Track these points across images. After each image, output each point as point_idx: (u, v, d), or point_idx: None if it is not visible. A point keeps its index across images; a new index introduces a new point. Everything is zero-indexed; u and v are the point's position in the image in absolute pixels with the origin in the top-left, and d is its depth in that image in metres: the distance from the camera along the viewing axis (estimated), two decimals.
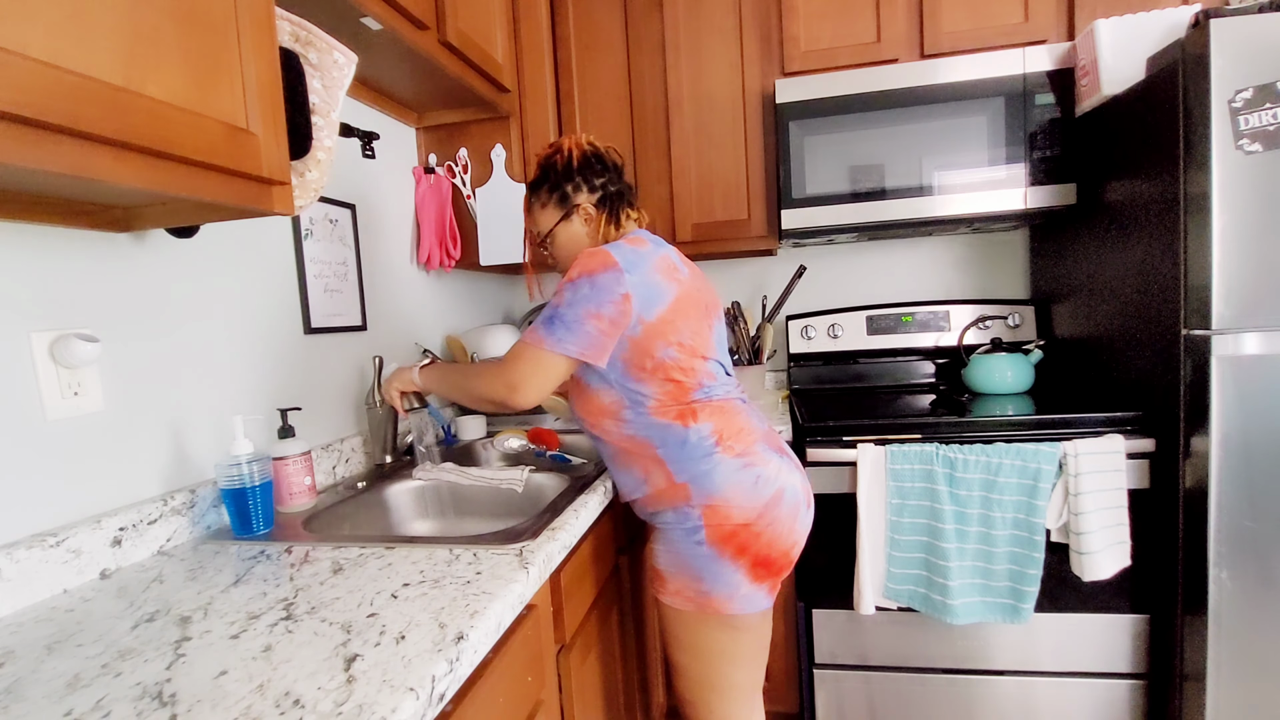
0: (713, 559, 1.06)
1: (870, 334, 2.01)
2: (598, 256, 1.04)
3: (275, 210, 0.84)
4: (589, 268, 1.03)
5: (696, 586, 1.08)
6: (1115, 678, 1.47)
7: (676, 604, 1.11)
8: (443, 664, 0.61)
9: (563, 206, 1.16)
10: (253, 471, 1.02)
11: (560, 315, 1.02)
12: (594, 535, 1.17)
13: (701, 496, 1.06)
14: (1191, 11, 1.32)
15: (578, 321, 1.02)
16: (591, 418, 1.13)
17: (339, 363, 1.44)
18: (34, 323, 0.85)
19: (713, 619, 1.09)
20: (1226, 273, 1.23)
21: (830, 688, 1.59)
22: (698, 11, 1.82)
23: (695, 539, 1.06)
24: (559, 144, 1.18)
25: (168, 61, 0.68)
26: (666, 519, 1.10)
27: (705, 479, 1.06)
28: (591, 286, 1.02)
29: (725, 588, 1.06)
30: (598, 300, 1.01)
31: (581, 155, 1.16)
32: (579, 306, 1.02)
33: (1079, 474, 1.34)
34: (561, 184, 1.16)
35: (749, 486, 1.07)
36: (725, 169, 1.85)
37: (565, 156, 1.15)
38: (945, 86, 1.63)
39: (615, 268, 1.02)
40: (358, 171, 1.53)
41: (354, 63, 0.99)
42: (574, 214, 1.16)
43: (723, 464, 1.07)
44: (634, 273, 1.03)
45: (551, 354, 1.03)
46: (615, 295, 1.02)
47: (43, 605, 0.80)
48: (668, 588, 1.11)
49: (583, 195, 1.16)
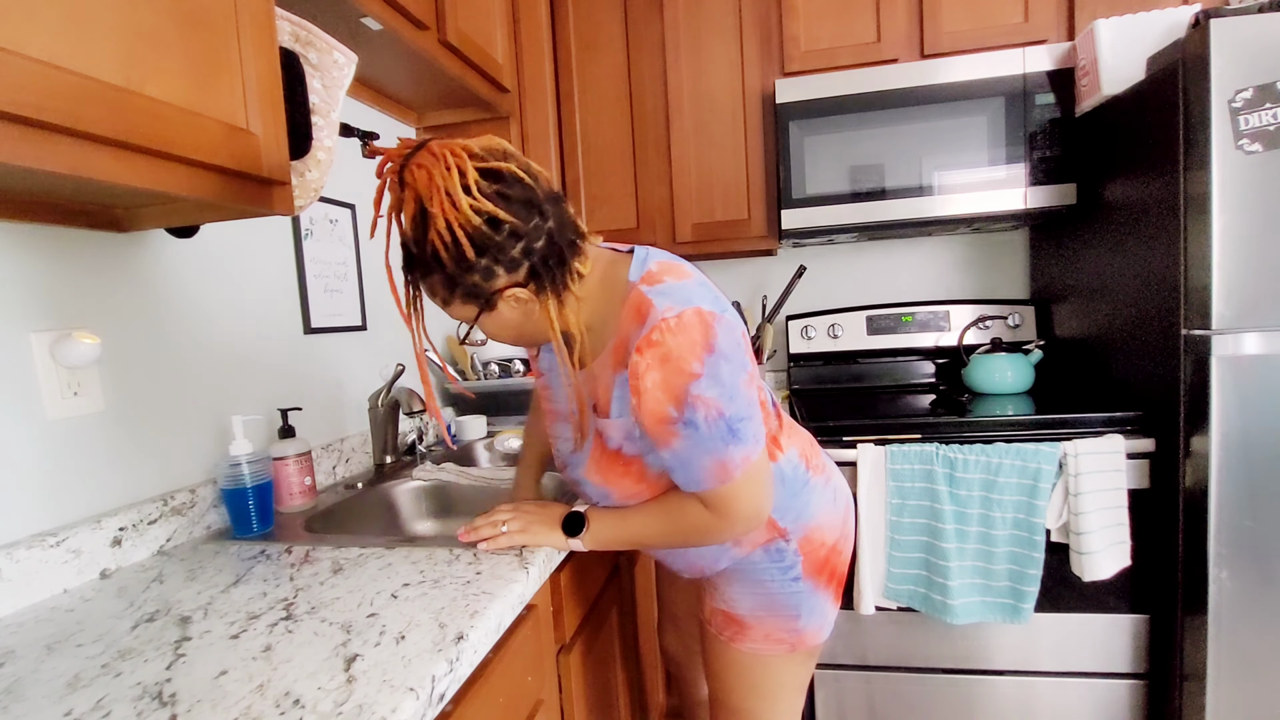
0: (810, 593, 0.95)
1: (870, 334, 2.01)
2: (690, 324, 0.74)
3: (275, 210, 0.84)
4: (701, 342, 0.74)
5: (791, 625, 0.95)
6: (1115, 678, 1.47)
7: (766, 649, 0.97)
8: (443, 664, 0.61)
9: (477, 301, 0.77)
10: (253, 471, 1.02)
11: (736, 412, 0.76)
12: None
13: (799, 530, 0.93)
14: (1191, 11, 1.32)
15: (748, 399, 0.78)
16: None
17: (339, 363, 1.44)
18: (34, 323, 0.85)
19: (799, 655, 0.98)
20: (1226, 273, 1.23)
21: (830, 688, 1.59)
22: (698, 11, 1.82)
23: (791, 575, 0.94)
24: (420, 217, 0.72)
25: (168, 61, 0.68)
26: (753, 560, 0.94)
27: (805, 511, 0.94)
28: (724, 359, 0.75)
29: (819, 618, 0.97)
30: (738, 363, 0.77)
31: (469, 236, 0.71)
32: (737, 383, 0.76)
33: (1079, 474, 1.34)
34: (460, 280, 0.74)
35: (831, 504, 0.97)
36: (725, 169, 1.85)
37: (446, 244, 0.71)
38: (945, 86, 1.63)
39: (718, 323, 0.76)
40: (358, 171, 1.53)
41: (354, 63, 0.99)
42: (497, 304, 0.77)
43: (815, 488, 0.95)
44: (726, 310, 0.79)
45: (758, 457, 0.81)
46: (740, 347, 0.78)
47: (43, 605, 0.80)
48: (753, 634, 0.96)
49: (500, 280, 0.75)
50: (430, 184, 0.70)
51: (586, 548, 0.91)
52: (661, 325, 0.74)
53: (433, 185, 0.70)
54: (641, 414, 0.77)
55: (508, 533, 0.90)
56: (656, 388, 0.74)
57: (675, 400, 0.74)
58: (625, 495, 0.90)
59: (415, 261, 0.76)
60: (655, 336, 0.74)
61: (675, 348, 0.73)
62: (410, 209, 0.73)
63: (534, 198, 0.74)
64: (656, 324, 0.74)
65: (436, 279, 0.76)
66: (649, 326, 0.74)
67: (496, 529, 0.90)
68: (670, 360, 0.73)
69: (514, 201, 0.73)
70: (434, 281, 0.77)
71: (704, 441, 0.76)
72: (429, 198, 0.70)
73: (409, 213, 0.73)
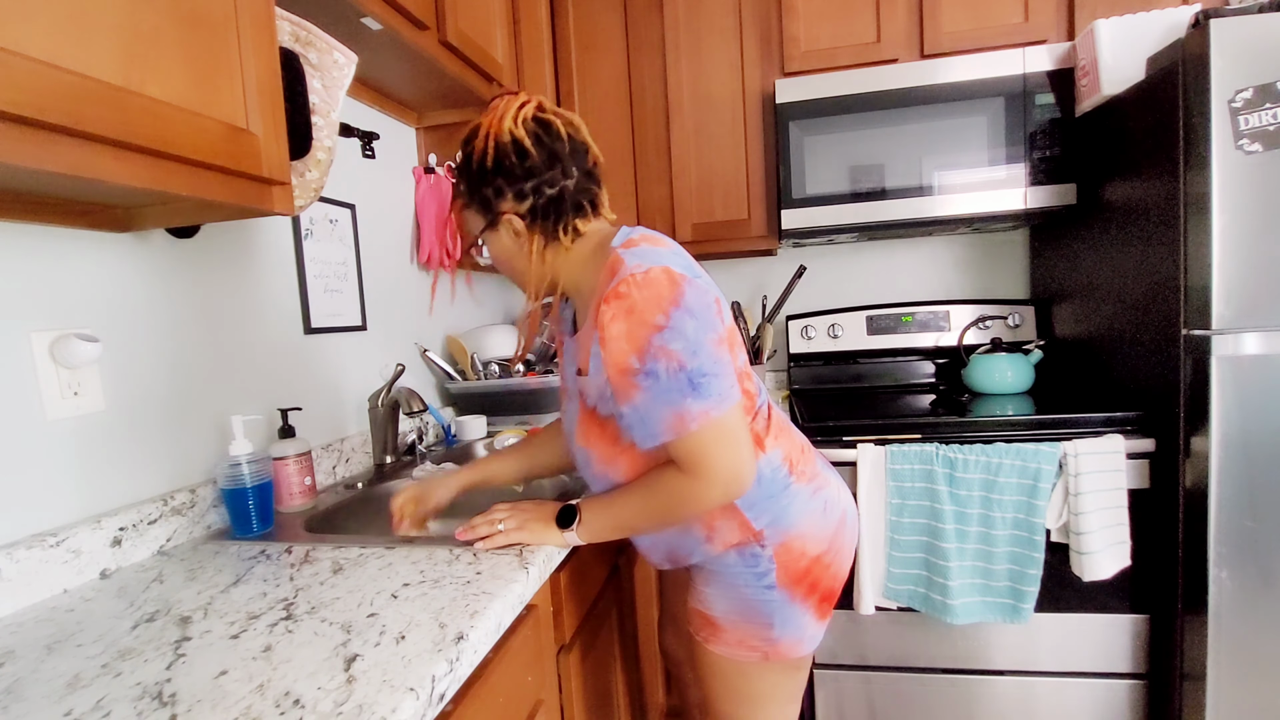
0: (784, 603, 0.92)
1: (870, 334, 2.02)
2: (657, 279, 0.77)
3: (275, 210, 0.84)
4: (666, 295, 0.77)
5: (764, 634, 0.94)
6: (1115, 678, 1.47)
7: (738, 655, 0.96)
8: (443, 664, 0.61)
9: (485, 213, 0.88)
10: (253, 471, 1.02)
11: (699, 366, 0.77)
12: None
13: (776, 536, 0.91)
14: (1191, 11, 1.32)
15: (715, 357, 0.79)
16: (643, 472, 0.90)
17: (339, 363, 1.44)
18: (34, 323, 0.85)
19: (777, 665, 0.96)
20: (1226, 273, 1.23)
21: (830, 688, 1.59)
22: (698, 11, 1.82)
23: (765, 583, 0.92)
24: (475, 127, 0.86)
25: (168, 61, 0.68)
26: (727, 561, 0.94)
27: (783, 517, 0.92)
28: (689, 313, 0.77)
29: (795, 631, 0.94)
30: (705, 321, 0.79)
31: (497, 150, 0.83)
32: (702, 340, 0.78)
33: (1079, 474, 1.34)
34: (480, 186, 0.86)
35: (819, 515, 0.95)
36: (725, 169, 1.85)
37: (481, 148, 0.84)
38: (945, 86, 1.63)
39: (684, 280, 0.79)
40: (358, 171, 1.53)
41: (354, 63, 1.00)
42: (499, 224, 0.87)
43: (798, 496, 0.93)
44: (699, 276, 0.82)
45: (725, 414, 0.79)
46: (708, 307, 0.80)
47: (43, 605, 0.80)
48: (725, 638, 0.96)
49: (506, 203, 0.85)
50: (495, 109, 0.85)
51: (582, 540, 0.91)
52: (629, 279, 0.77)
53: (495, 110, 0.85)
54: (607, 365, 0.79)
55: (504, 531, 0.91)
56: (621, 338, 0.77)
57: (638, 350, 0.77)
58: (603, 458, 0.91)
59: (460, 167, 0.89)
60: (622, 289, 0.77)
61: (640, 300, 0.76)
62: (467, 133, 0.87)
63: (562, 154, 0.85)
64: (624, 278, 0.77)
65: (462, 183, 0.89)
66: (621, 274, 0.78)
67: (494, 528, 0.91)
68: (635, 312, 0.76)
69: (544, 147, 0.84)
70: (460, 186, 0.89)
71: (663, 393, 0.77)
72: (486, 117, 0.85)
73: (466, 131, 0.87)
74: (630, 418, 0.82)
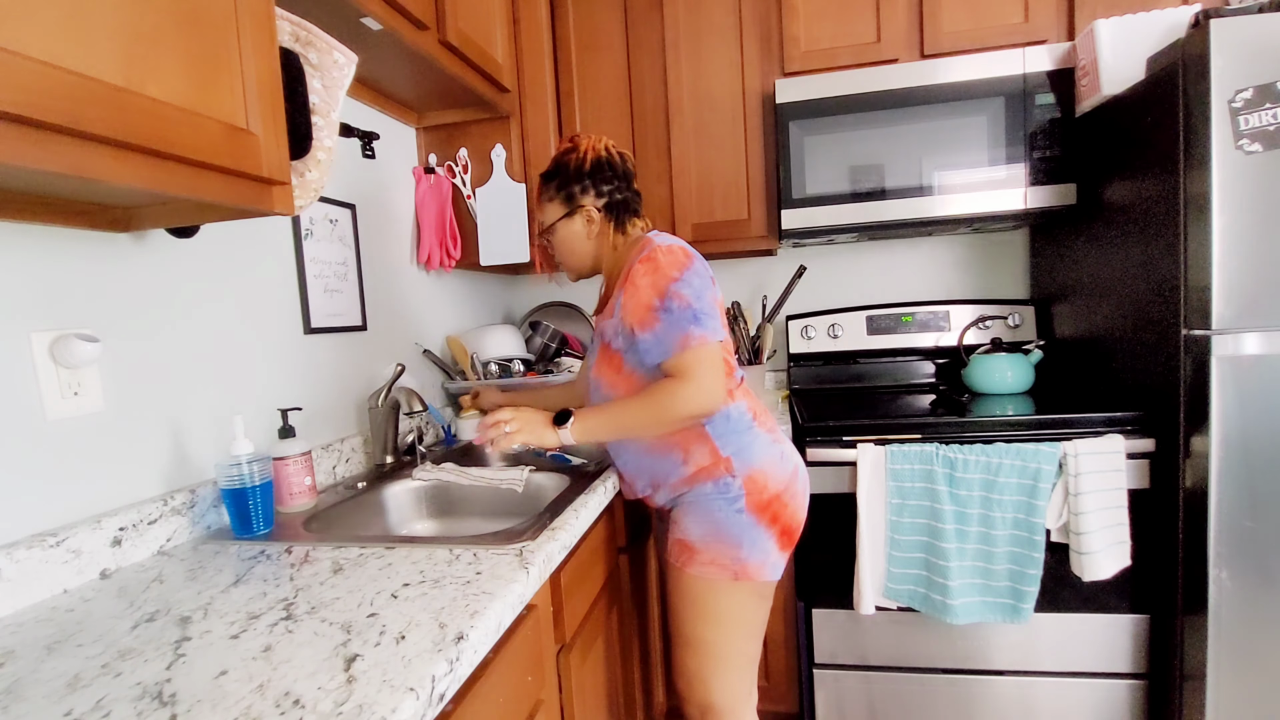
0: (752, 525, 1.13)
1: (870, 334, 2.02)
2: (676, 251, 1.10)
3: (275, 210, 0.84)
4: (682, 261, 1.09)
5: (734, 553, 1.13)
6: (1115, 678, 1.47)
7: (710, 573, 1.14)
8: (443, 664, 0.61)
9: (567, 205, 1.20)
10: (253, 471, 1.02)
11: (701, 309, 1.06)
12: (594, 535, 1.17)
13: (743, 467, 1.14)
14: (1191, 11, 1.32)
15: (712, 307, 1.09)
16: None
17: (339, 363, 1.44)
18: (34, 323, 0.85)
19: (745, 586, 1.15)
20: (1226, 273, 1.23)
21: (830, 688, 1.59)
22: (698, 11, 1.82)
23: (736, 507, 1.13)
24: (576, 143, 1.21)
25: (168, 61, 0.68)
26: (704, 491, 1.15)
27: (747, 451, 1.15)
28: (696, 275, 1.08)
29: (760, 554, 1.14)
30: (706, 284, 1.10)
31: (594, 159, 1.18)
32: (704, 294, 1.08)
33: (1079, 474, 1.34)
34: (570, 184, 1.19)
35: (778, 460, 1.17)
36: (725, 169, 1.85)
37: (579, 158, 1.18)
38: (945, 86, 1.63)
39: (694, 256, 1.11)
40: (358, 171, 1.53)
41: (354, 63, 0.99)
42: (576, 214, 1.19)
43: (760, 438, 1.17)
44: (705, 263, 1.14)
45: (715, 344, 1.07)
46: (708, 279, 1.11)
47: (43, 605, 0.80)
48: (700, 558, 1.15)
49: (589, 198, 1.19)
50: (587, 137, 1.21)
51: (575, 437, 1.10)
52: (657, 248, 1.10)
53: (587, 139, 1.21)
54: (633, 305, 1.09)
55: (509, 433, 1.10)
56: (648, 286, 1.08)
57: (659, 293, 1.07)
58: (610, 384, 1.18)
59: (551, 169, 1.21)
60: (650, 255, 1.10)
61: (664, 263, 1.08)
62: (566, 146, 1.21)
63: (628, 174, 1.22)
64: (654, 248, 1.11)
65: (555, 181, 1.20)
66: (650, 246, 1.11)
67: (500, 429, 1.10)
68: (660, 269, 1.08)
69: (619, 166, 1.21)
70: (553, 184, 1.20)
71: (676, 322, 1.06)
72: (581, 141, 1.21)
73: (565, 145, 1.21)
74: (649, 341, 1.08)
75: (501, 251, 1.77)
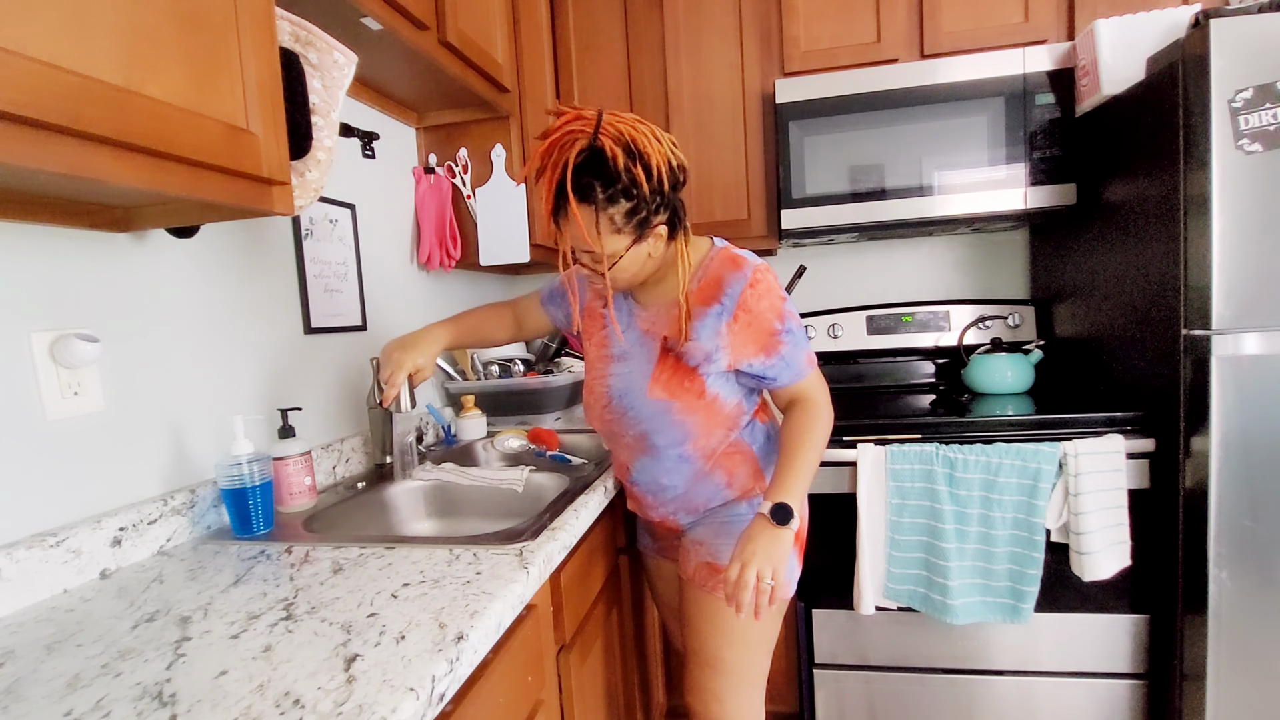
0: None
1: (870, 334, 2.01)
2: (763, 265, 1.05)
3: (275, 210, 0.84)
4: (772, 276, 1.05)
5: None
6: (1115, 678, 1.47)
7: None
8: (443, 664, 0.61)
9: (639, 231, 0.96)
10: (253, 471, 1.02)
11: (801, 328, 1.06)
12: (594, 535, 1.17)
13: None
14: (1191, 11, 1.32)
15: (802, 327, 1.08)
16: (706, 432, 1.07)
17: (339, 363, 1.44)
18: (34, 323, 0.85)
19: (774, 607, 1.08)
20: (1226, 273, 1.23)
21: (830, 688, 1.59)
22: (698, 11, 1.82)
23: None
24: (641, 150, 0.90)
25: (168, 61, 0.68)
26: (739, 511, 1.11)
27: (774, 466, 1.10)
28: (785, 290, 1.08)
29: (790, 572, 1.07)
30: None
31: (670, 171, 0.94)
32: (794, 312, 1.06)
33: (1079, 474, 1.34)
34: (642, 206, 0.93)
35: None
36: (725, 169, 1.85)
37: (657, 174, 0.92)
38: (945, 86, 1.63)
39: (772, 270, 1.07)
40: (358, 171, 1.53)
41: (354, 63, 1.00)
42: (649, 235, 0.98)
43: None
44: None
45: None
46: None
47: (43, 605, 0.80)
48: None
49: (660, 216, 0.97)
50: (635, 130, 0.91)
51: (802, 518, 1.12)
52: (758, 271, 1.03)
53: (638, 131, 0.91)
54: (753, 334, 1.02)
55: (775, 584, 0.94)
56: (768, 310, 1.02)
57: (779, 317, 1.03)
58: (685, 408, 1.06)
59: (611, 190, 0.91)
60: (758, 277, 1.02)
61: (772, 286, 1.04)
62: (615, 150, 0.89)
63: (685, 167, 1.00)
64: (755, 268, 1.03)
65: (621, 206, 0.92)
66: (750, 269, 1.02)
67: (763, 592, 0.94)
68: (772, 293, 1.03)
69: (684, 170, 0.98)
70: (618, 209, 0.93)
71: (797, 343, 1.05)
72: (634, 139, 0.90)
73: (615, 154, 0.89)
74: (777, 366, 1.04)
75: (501, 251, 1.77)
